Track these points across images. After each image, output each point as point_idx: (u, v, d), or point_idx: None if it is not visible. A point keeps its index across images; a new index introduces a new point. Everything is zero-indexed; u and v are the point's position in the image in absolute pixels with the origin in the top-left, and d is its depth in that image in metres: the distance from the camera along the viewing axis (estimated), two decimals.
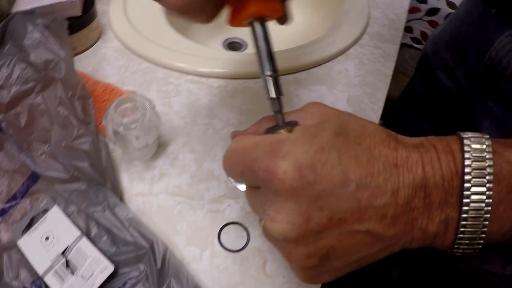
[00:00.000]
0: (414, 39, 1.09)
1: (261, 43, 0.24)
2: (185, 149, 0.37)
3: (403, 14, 0.55)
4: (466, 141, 0.19)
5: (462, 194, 0.18)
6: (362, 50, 0.48)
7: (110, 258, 0.30)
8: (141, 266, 0.29)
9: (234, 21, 0.25)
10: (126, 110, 0.34)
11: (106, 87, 0.41)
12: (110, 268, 0.29)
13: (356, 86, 0.44)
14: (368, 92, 0.43)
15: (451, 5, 0.95)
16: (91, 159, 0.32)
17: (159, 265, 0.28)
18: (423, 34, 1.06)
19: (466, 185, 0.18)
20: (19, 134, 0.35)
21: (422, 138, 0.20)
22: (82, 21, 0.44)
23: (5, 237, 0.32)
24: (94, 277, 0.28)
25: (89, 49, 0.46)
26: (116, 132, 0.32)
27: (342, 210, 0.18)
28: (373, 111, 0.41)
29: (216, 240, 0.31)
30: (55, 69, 0.35)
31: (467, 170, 0.18)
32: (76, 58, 0.45)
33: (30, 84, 0.35)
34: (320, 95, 0.42)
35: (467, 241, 0.19)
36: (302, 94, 0.42)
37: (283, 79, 0.44)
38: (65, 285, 0.28)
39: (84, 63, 0.44)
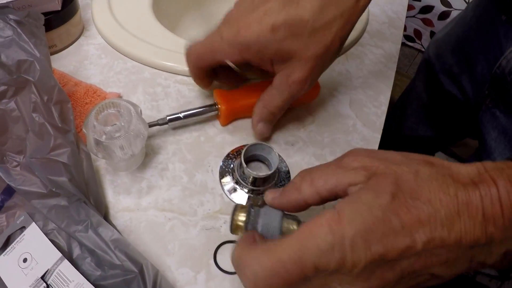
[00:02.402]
0: (408, 37, 1.08)
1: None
2: (175, 158, 0.34)
3: (402, 12, 0.53)
4: None
5: None
6: (363, 49, 0.46)
7: (95, 282, 0.27)
8: None
9: (226, 122, 0.36)
10: (109, 116, 0.31)
11: (88, 89, 0.38)
12: None
13: (358, 88, 0.41)
14: (371, 95, 0.41)
15: (445, 3, 0.94)
16: (70, 173, 0.29)
17: None
18: (417, 32, 1.05)
19: None
20: None
21: (479, 167, 0.19)
22: (62, 16, 0.40)
23: None
24: None
25: (70, 46, 0.42)
26: (98, 142, 0.29)
27: (411, 264, 0.19)
28: (377, 116, 0.39)
29: (211, 260, 0.29)
30: (29, 71, 0.31)
31: None
32: (56, 56, 0.41)
33: (2, 88, 0.31)
34: (321, 98, 0.39)
35: None
36: None
37: None
38: None
39: (65, 62, 0.41)
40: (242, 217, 0.24)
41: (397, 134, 0.62)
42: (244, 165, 0.30)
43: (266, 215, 0.23)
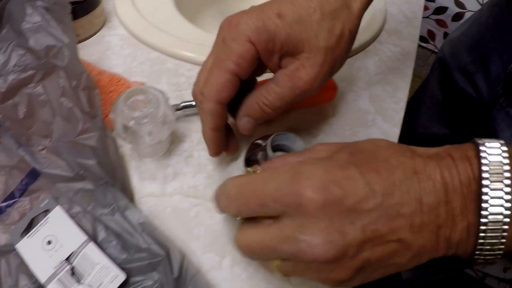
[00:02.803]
0: (421, 38, 1.08)
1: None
2: (199, 146, 0.34)
3: (419, 12, 0.54)
4: (481, 147, 0.19)
5: (480, 199, 0.18)
6: (381, 47, 0.46)
7: (121, 265, 0.27)
8: (156, 275, 0.27)
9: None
10: (137, 103, 0.31)
11: (112, 78, 0.38)
12: (121, 277, 0.26)
13: (377, 84, 0.42)
14: (389, 91, 0.41)
15: (459, 4, 0.94)
16: (98, 157, 0.29)
17: (176, 274, 0.26)
18: (430, 32, 1.05)
19: (484, 189, 0.18)
20: (17, 127, 0.31)
21: (438, 148, 0.20)
22: (86, 6, 0.41)
23: (2, 239, 0.29)
24: (104, 287, 0.26)
25: (93, 37, 0.43)
26: (126, 127, 0.30)
27: (373, 221, 0.18)
28: (395, 112, 0.39)
29: None
30: (57, 56, 0.32)
31: (484, 175, 0.18)
32: (79, 45, 0.42)
33: (30, 72, 0.31)
34: (341, 92, 0.40)
35: (488, 247, 0.19)
36: None
37: None
38: None
39: (88, 52, 0.41)
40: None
41: (408, 132, 0.62)
42: (270, 154, 0.30)
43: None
